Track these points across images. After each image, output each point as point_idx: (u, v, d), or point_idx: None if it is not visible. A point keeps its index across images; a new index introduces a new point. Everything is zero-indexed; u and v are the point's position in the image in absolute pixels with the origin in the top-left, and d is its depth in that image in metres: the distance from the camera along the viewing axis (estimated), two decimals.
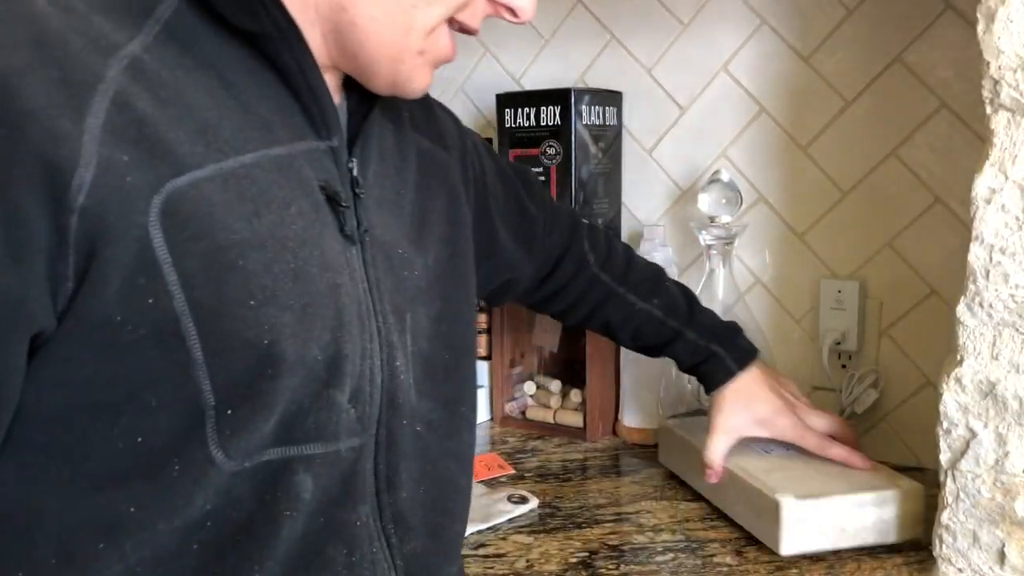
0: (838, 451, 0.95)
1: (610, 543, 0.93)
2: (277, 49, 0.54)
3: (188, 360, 0.48)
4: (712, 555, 0.90)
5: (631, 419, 1.27)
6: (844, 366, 1.19)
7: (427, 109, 0.78)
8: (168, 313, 0.47)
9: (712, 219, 1.18)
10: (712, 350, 0.99)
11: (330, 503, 0.56)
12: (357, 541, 0.59)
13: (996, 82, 0.74)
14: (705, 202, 1.18)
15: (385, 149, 0.67)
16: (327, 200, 0.57)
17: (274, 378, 0.51)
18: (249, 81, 0.54)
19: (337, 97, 0.63)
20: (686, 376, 1.20)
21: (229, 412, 0.50)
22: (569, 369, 1.37)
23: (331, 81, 0.61)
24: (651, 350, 1.04)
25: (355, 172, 0.60)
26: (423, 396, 0.64)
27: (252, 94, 0.54)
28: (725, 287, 1.19)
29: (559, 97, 1.25)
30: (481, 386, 1.39)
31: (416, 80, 0.61)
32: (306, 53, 0.55)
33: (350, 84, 0.63)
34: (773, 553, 0.89)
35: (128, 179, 0.46)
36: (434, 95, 1.56)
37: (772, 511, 0.88)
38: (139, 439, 0.49)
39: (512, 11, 0.65)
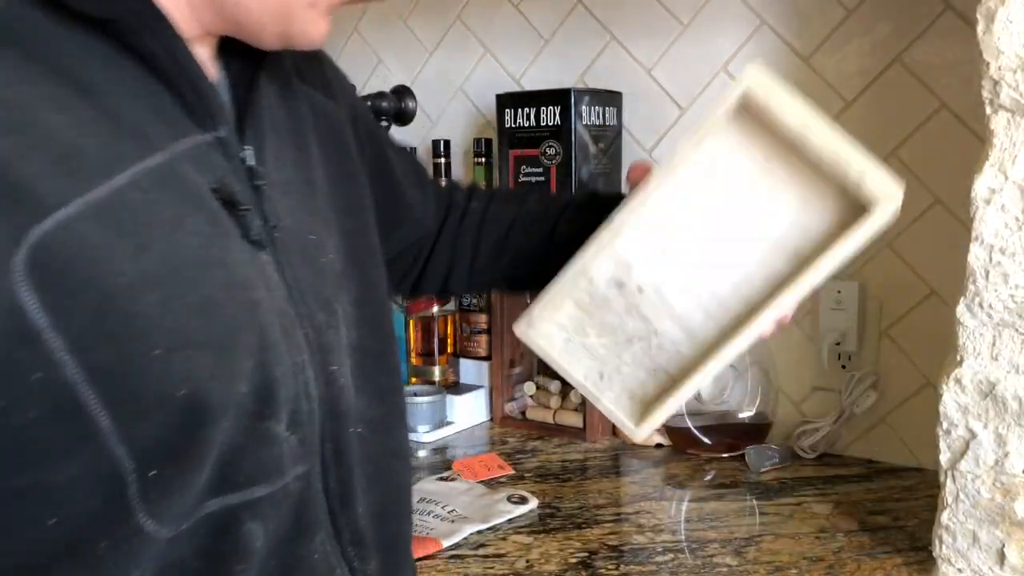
0: None
1: (610, 543, 0.93)
2: (137, 35, 0.46)
3: (95, 431, 0.42)
4: (712, 555, 0.90)
5: None
6: (844, 367, 1.19)
7: (309, 54, 0.67)
8: (61, 385, 0.40)
9: None
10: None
11: (283, 543, 0.51)
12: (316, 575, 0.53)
13: (996, 83, 0.74)
14: None
15: (278, 119, 0.59)
16: (224, 205, 0.49)
17: (200, 428, 0.45)
18: (109, 80, 0.46)
19: (213, 72, 0.55)
20: None
21: (153, 474, 0.44)
22: None
23: (203, 55, 0.53)
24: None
25: (249, 161, 0.52)
26: (361, 393, 0.58)
27: (115, 95, 0.45)
28: None
29: (559, 97, 1.25)
30: (481, 387, 1.39)
31: (311, 32, 0.54)
32: (173, 34, 0.47)
33: (226, 48, 0.55)
34: (774, 554, 0.89)
35: None
36: (434, 95, 1.57)
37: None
38: (55, 522, 0.42)
39: None
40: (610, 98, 1.31)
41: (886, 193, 0.64)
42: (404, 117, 1.57)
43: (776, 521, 0.98)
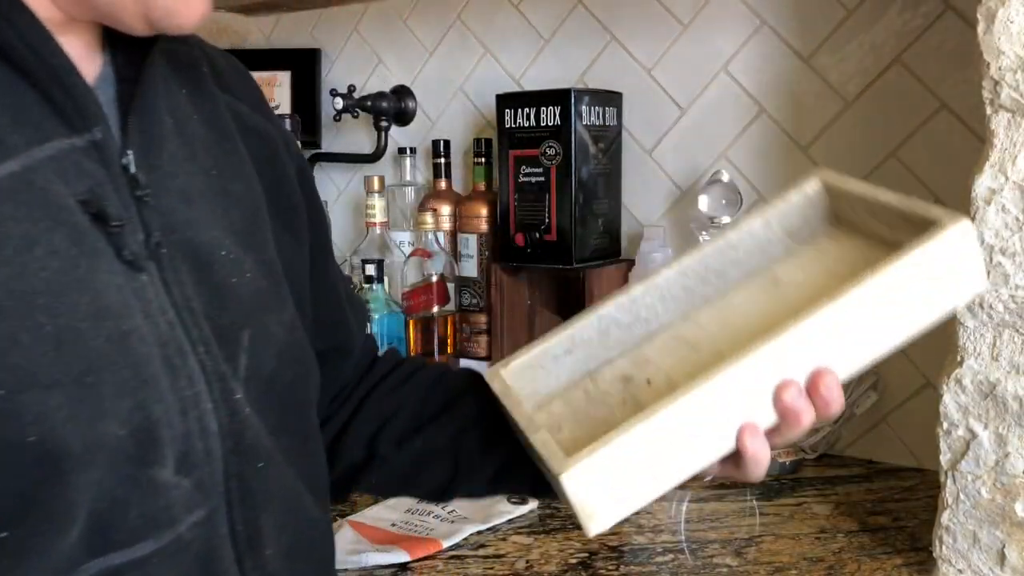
0: None
1: (610, 544, 0.93)
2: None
3: None
4: (712, 556, 0.90)
5: None
6: None
7: (236, 69, 0.62)
8: None
9: (712, 220, 1.18)
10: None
11: None
12: None
13: (996, 83, 0.74)
14: (705, 203, 1.18)
15: (182, 116, 0.52)
16: (93, 220, 0.43)
17: (59, 479, 0.39)
18: None
19: (94, 66, 0.48)
20: None
21: (4, 535, 0.38)
22: None
23: (79, 45, 0.47)
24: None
25: (132, 168, 0.45)
26: (272, 425, 0.51)
27: None
28: None
29: (559, 97, 1.25)
30: None
31: (179, 10, 0.46)
32: (31, 22, 0.41)
33: (113, 39, 0.49)
34: (774, 555, 0.89)
35: None
36: (434, 96, 1.57)
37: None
38: None
39: None
40: (610, 98, 1.31)
41: (952, 215, 0.50)
42: (404, 117, 1.57)
43: (776, 522, 0.98)
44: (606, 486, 0.48)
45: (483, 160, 1.42)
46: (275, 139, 0.61)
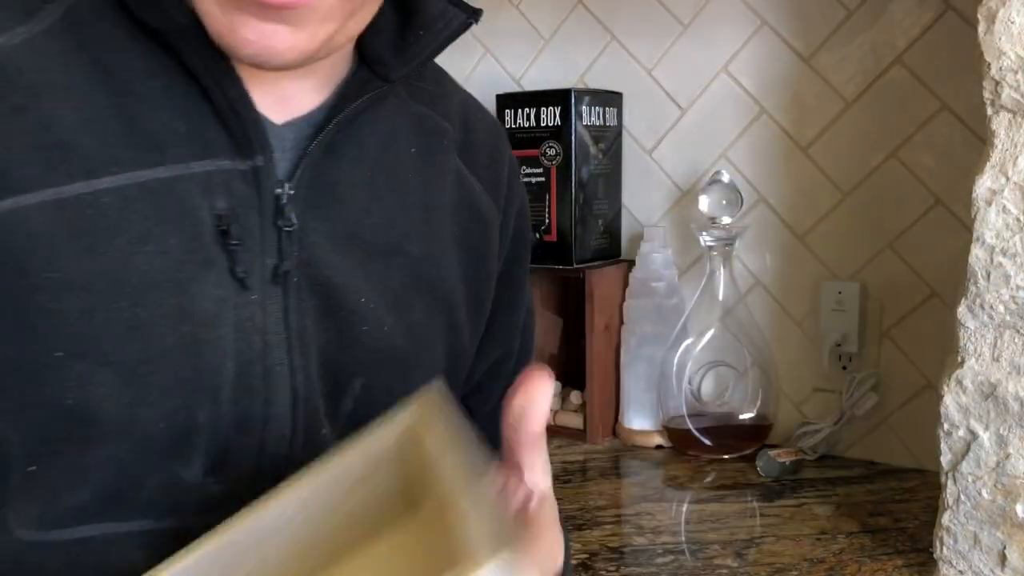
0: None
1: (610, 545, 0.93)
2: (182, 50, 0.45)
3: None
4: (712, 557, 0.89)
5: (631, 421, 1.26)
6: (845, 368, 1.19)
7: (492, 145, 0.62)
8: None
9: (712, 220, 1.18)
10: None
11: None
12: None
13: (997, 83, 0.74)
14: (705, 203, 1.18)
15: (389, 172, 0.54)
16: (220, 235, 0.46)
17: (86, 445, 0.43)
18: (153, 88, 0.45)
19: (316, 98, 0.51)
20: (686, 377, 1.20)
21: (32, 469, 0.42)
22: (569, 371, 1.37)
23: (297, 78, 0.49)
24: None
25: (284, 200, 0.48)
26: None
27: (149, 104, 0.45)
28: (725, 288, 1.19)
29: (559, 98, 1.25)
30: None
31: (227, 38, 0.44)
32: (212, 54, 0.45)
33: (350, 82, 0.52)
34: (775, 556, 0.89)
35: None
36: None
37: None
38: None
39: None
40: (610, 98, 1.31)
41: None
42: None
43: (777, 523, 0.98)
44: None
45: None
46: (492, 225, 0.61)
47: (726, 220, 1.17)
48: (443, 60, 0.71)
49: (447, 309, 0.57)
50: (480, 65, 1.48)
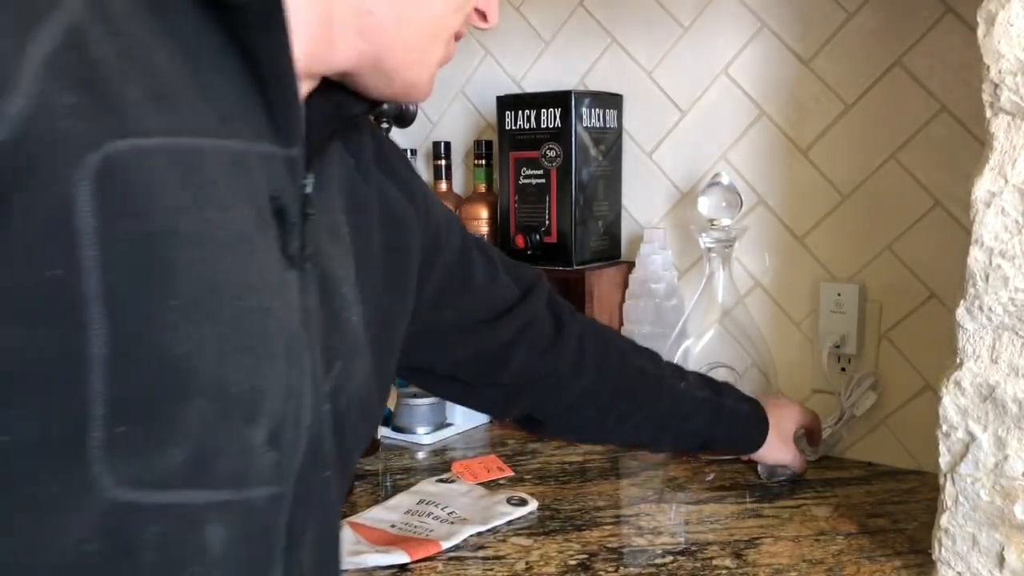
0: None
1: (609, 545, 0.93)
2: (250, 31, 0.47)
3: (83, 355, 0.39)
4: (711, 558, 0.90)
5: None
6: (843, 369, 1.20)
7: (399, 156, 0.73)
8: (75, 293, 0.38)
9: (712, 222, 1.18)
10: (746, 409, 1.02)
11: (242, 562, 0.48)
12: None
13: (996, 86, 0.74)
14: (705, 205, 1.18)
15: (345, 179, 0.61)
16: (274, 214, 0.49)
17: (181, 401, 0.43)
18: (215, 65, 0.46)
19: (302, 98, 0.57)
20: None
21: (122, 429, 0.41)
22: None
23: (303, 85, 0.54)
24: (692, 438, 1.00)
25: (309, 190, 0.53)
26: (336, 447, 0.57)
27: (215, 78, 0.46)
28: (725, 290, 1.19)
29: (560, 100, 1.25)
30: None
31: (426, 84, 0.58)
32: (285, 45, 0.47)
33: (314, 96, 0.57)
34: (773, 557, 0.89)
35: (63, 124, 0.38)
36: (435, 97, 1.57)
37: None
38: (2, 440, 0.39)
39: (484, 16, 0.62)
40: (611, 100, 1.31)
41: None
42: (404, 119, 1.57)
43: (776, 524, 0.98)
44: None
45: (483, 162, 1.42)
46: (412, 223, 0.71)
47: (726, 222, 1.18)
48: None
49: (405, 296, 0.66)
50: (481, 67, 1.49)
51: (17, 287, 0.37)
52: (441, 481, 1.10)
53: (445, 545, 0.92)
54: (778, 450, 1.05)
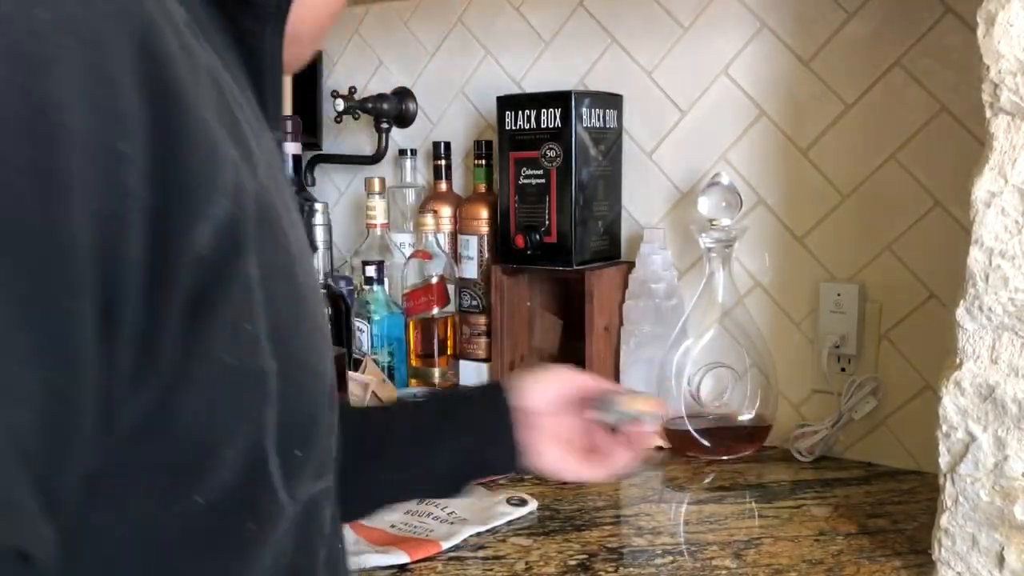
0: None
1: (609, 546, 0.93)
2: (261, 31, 0.47)
3: (263, 393, 0.39)
4: (711, 558, 0.90)
5: None
6: (843, 369, 1.19)
7: None
8: (254, 338, 0.38)
9: (712, 222, 1.18)
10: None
11: (332, 536, 0.50)
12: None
13: (996, 86, 0.74)
14: (705, 205, 1.18)
15: None
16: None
17: (330, 410, 0.45)
18: (233, 65, 0.46)
19: None
20: (686, 378, 1.20)
21: (295, 452, 0.42)
22: None
23: None
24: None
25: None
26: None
27: (231, 63, 0.45)
28: (725, 290, 1.19)
29: (560, 100, 1.25)
30: None
31: (301, 63, 0.55)
32: (282, 40, 0.48)
33: None
34: (773, 557, 0.89)
35: (240, 176, 0.37)
36: (435, 97, 1.57)
37: None
38: (206, 499, 0.38)
39: None
40: (611, 100, 1.31)
41: None
42: (405, 119, 1.57)
43: (775, 524, 0.98)
44: None
45: (484, 162, 1.42)
46: None
47: (725, 222, 1.18)
48: (443, 62, 0.71)
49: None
50: (481, 67, 1.49)
51: (230, 350, 0.37)
52: None
53: (445, 545, 0.92)
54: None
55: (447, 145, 1.47)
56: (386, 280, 1.39)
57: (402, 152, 1.55)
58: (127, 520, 0.36)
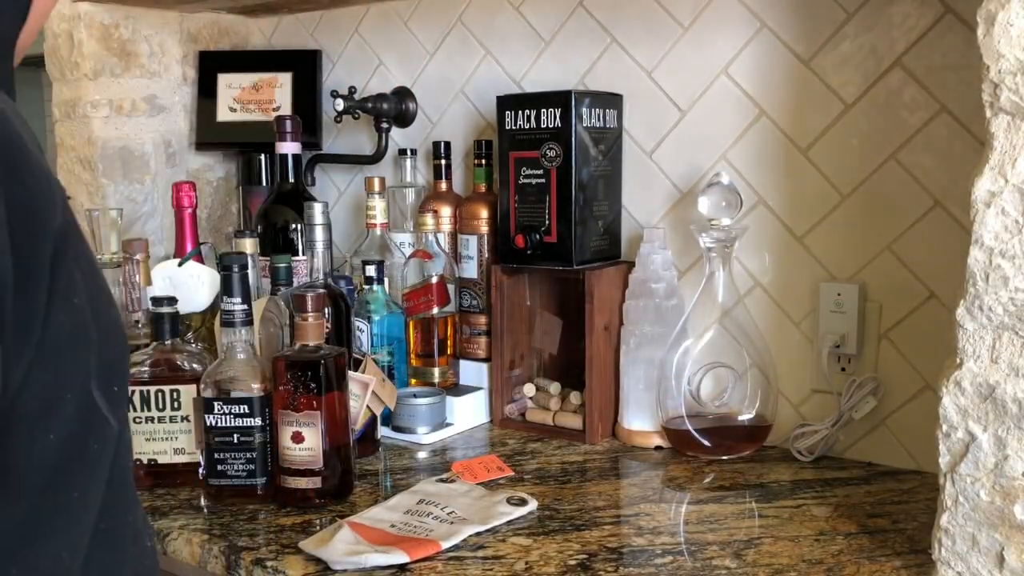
0: None
1: (609, 545, 0.93)
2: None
3: (88, 345, 0.52)
4: (711, 558, 0.90)
5: (631, 421, 1.27)
6: (843, 369, 1.19)
7: None
8: (81, 308, 0.51)
9: (712, 222, 1.18)
10: None
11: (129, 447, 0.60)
12: None
13: (996, 86, 0.74)
14: (705, 205, 1.18)
15: None
16: None
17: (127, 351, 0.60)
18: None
19: None
20: (686, 378, 1.20)
21: (114, 388, 0.54)
22: (569, 371, 1.37)
23: None
24: None
25: None
26: None
27: None
28: (725, 290, 1.19)
29: (560, 99, 1.25)
30: (481, 388, 1.39)
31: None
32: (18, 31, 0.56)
33: None
34: (773, 557, 0.89)
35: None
36: (435, 97, 1.58)
37: None
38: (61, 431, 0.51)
39: None
40: (610, 100, 1.31)
41: None
42: (405, 119, 1.57)
43: (775, 524, 0.98)
44: None
45: (483, 162, 1.42)
46: None
47: (725, 222, 1.18)
48: (443, 62, 0.71)
49: None
50: (481, 67, 1.49)
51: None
52: (441, 481, 1.10)
53: (445, 545, 0.92)
54: None
55: (447, 145, 1.47)
56: (386, 280, 1.38)
57: (402, 152, 1.55)
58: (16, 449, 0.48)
